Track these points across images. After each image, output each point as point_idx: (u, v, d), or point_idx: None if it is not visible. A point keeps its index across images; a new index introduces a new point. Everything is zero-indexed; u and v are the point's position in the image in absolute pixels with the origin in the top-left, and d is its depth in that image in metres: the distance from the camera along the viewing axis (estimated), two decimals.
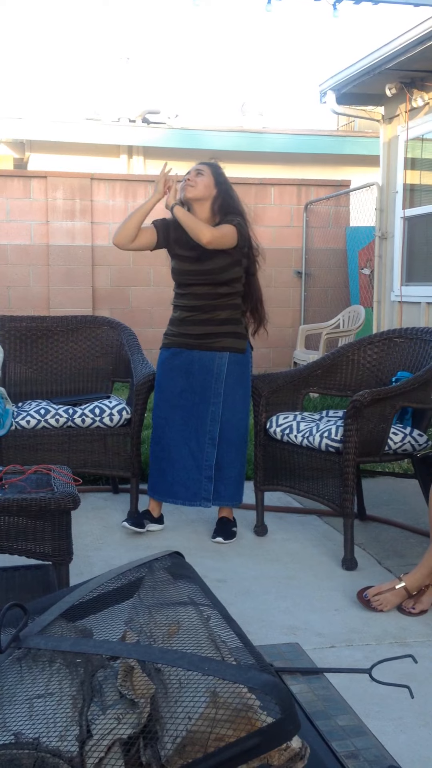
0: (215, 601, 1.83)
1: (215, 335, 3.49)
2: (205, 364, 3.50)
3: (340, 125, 13.43)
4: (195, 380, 3.52)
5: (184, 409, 3.54)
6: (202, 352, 3.51)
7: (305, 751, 1.47)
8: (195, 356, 3.52)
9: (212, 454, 3.51)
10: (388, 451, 3.33)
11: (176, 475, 3.56)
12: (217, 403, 3.49)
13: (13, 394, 4.15)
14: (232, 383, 3.51)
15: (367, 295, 7.94)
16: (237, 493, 3.61)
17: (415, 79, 6.59)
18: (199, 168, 3.50)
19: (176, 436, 3.55)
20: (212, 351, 3.50)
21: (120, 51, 13.16)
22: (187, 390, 3.53)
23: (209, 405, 3.50)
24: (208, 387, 3.50)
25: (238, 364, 3.53)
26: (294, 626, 2.68)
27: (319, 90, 7.43)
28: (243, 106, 12.66)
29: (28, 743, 1.37)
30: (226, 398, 3.50)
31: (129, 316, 8.43)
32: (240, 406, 3.55)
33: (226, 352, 3.50)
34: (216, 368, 3.49)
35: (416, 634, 2.62)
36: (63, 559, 2.53)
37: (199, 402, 3.51)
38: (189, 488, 3.54)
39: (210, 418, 3.50)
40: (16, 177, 8.61)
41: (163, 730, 1.41)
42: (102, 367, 4.32)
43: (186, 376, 3.54)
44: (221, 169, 3.56)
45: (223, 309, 3.49)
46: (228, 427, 3.53)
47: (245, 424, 3.60)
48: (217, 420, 3.50)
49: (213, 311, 3.49)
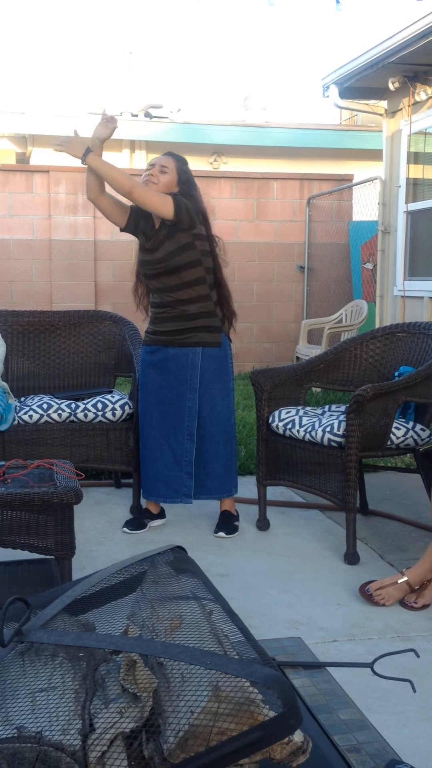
0: (217, 595, 1.84)
1: (187, 330, 3.46)
2: (179, 359, 3.48)
3: (343, 119, 13.39)
4: (171, 376, 3.50)
5: (162, 406, 3.52)
6: (175, 349, 3.48)
7: (307, 745, 1.47)
8: (169, 353, 3.50)
9: (191, 450, 3.49)
10: (390, 445, 3.33)
11: (157, 472, 3.55)
12: (193, 399, 3.47)
13: (15, 388, 4.16)
14: (209, 378, 3.49)
15: (370, 289, 7.92)
16: (225, 485, 3.60)
17: (418, 73, 6.56)
18: (164, 165, 3.41)
19: (155, 433, 3.54)
20: (185, 347, 3.47)
21: (122, 45, 13.12)
22: (164, 387, 3.52)
23: (185, 401, 3.48)
24: (183, 382, 3.48)
25: (214, 358, 3.49)
26: (296, 620, 2.68)
27: (322, 84, 7.40)
28: (246, 101, 12.62)
29: (31, 737, 1.37)
30: (204, 393, 3.48)
31: (131, 311, 8.37)
32: (219, 400, 3.52)
33: (199, 347, 3.46)
34: (190, 363, 3.47)
35: (418, 628, 2.62)
36: (65, 553, 2.54)
37: (175, 398, 3.50)
38: (169, 485, 3.53)
39: (187, 414, 3.48)
40: (19, 171, 8.60)
41: (165, 723, 1.42)
42: (104, 361, 4.32)
43: (162, 373, 3.52)
44: (186, 166, 3.48)
45: (191, 303, 3.44)
46: (208, 422, 3.51)
47: (227, 417, 3.57)
48: (194, 415, 3.48)
49: (181, 306, 3.44)
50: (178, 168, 3.43)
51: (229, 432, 3.60)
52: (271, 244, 8.90)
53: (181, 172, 3.43)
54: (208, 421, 3.52)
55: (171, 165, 3.42)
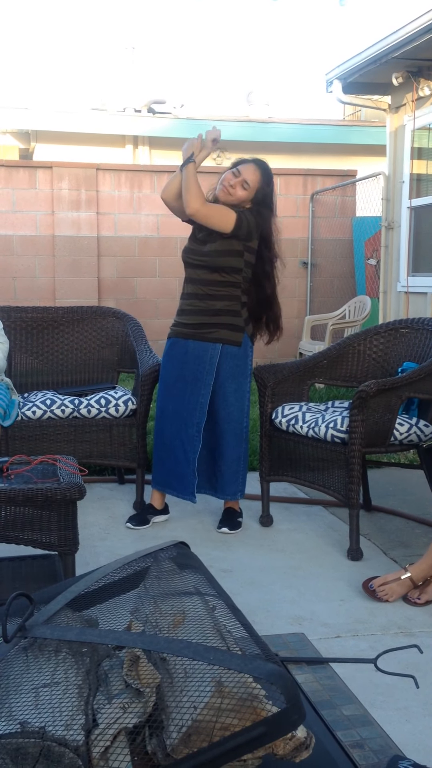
0: (221, 591, 1.84)
1: (210, 325, 3.46)
2: (198, 354, 3.48)
3: (346, 115, 13.35)
4: (187, 370, 3.50)
5: (176, 399, 3.52)
6: (195, 342, 3.48)
7: (310, 741, 1.47)
8: (189, 346, 3.50)
9: (197, 446, 3.48)
10: (393, 441, 3.33)
11: (172, 466, 3.56)
12: (206, 394, 3.46)
13: (18, 384, 4.16)
14: (225, 375, 3.47)
15: (374, 285, 7.92)
16: (229, 488, 3.56)
17: (422, 68, 6.55)
18: (248, 180, 3.37)
19: (170, 427, 3.54)
20: (205, 342, 3.47)
21: (125, 40, 13.08)
22: (180, 380, 3.52)
23: (198, 396, 3.48)
24: (198, 378, 3.48)
25: (233, 357, 3.48)
26: (299, 616, 2.68)
27: (325, 79, 7.39)
28: (249, 96, 12.59)
29: (34, 732, 1.37)
30: (218, 391, 3.47)
31: (134, 307, 8.42)
32: (232, 400, 3.50)
33: (219, 344, 3.46)
34: (208, 359, 3.46)
35: (421, 624, 2.62)
36: (69, 549, 2.54)
37: (189, 392, 3.50)
38: (181, 481, 3.55)
39: (198, 409, 3.48)
40: (22, 167, 8.60)
41: (168, 719, 1.42)
42: (107, 357, 4.32)
43: (180, 366, 3.52)
44: (270, 182, 3.45)
45: (219, 299, 3.45)
46: (219, 419, 3.50)
47: (238, 419, 3.53)
48: (204, 411, 3.47)
49: (208, 300, 3.45)
50: (260, 186, 3.40)
51: (240, 434, 3.55)
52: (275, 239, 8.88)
53: (259, 191, 3.41)
54: (219, 419, 3.51)
55: (254, 182, 3.39)
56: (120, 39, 13.15)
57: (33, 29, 13.06)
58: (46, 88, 12.65)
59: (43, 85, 12.72)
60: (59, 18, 13.12)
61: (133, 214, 8.70)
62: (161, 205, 3.65)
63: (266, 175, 3.45)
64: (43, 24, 13.08)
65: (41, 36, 13.03)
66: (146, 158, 11.58)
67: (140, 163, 11.27)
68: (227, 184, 3.40)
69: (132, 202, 8.67)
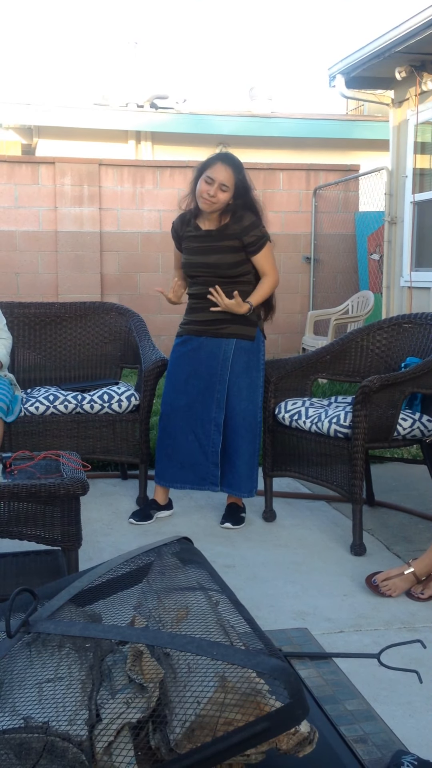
0: (224, 586, 1.84)
1: (222, 321, 3.47)
2: (212, 350, 3.49)
3: (349, 109, 13.33)
4: (202, 366, 3.51)
5: (190, 395, 3.53)
6: (209, 339, 3.50)
7: (314, 736, 1.47)
8: (202, 342, 3.51)
9: (218, 441, 3.50)
10: (396, 436, 3.33)
11: (184, 460, 3.56)
12: (222, 390, 3.48)
13: (22, 380, 4.16)
14: (239, 370, 3.48)
15: (377, 280, 7.90)
16: (245, 484, 3.54)
17: (425, 63, 6.53)
18: (225, 183, 3.33)
19: (182, 423, 3.54)
20: (219, 337, 3.48)
21: (128, 35, 13.08)
22: (194, 376, 3.52)
23: (214, 392, 3.49)
24: (214, 373, 3.49)
25: (246, 352, 3.49)
26: (303, 611, 2.68)
27: (328, 74, 7.37)
28: (252, 91, 12.57)
29: (38, 727, 1.37)
30: (232, 385, 3.48)
31: (137, 302, 8.42)
32: (246, 394, 3.50)
33: (233, 339, 3.47)
34: (222, 354, 3.48)
35: (425, 619, 2.62)
36: (72, 544, 2.54)
37: (204, 388, 3.50)
38: (197, 472, 3.55)
39: (215, 405, 3.49)
40: (25, 163, 8.59)
41: (172, 714, 1.42)
42: (110, 353, 4.32)
43: (193, 363, 3.53)
44: (243, 173, 3.41)
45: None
46: (233, 414, 3.50)
47: (252, 413, 3.52)
48: (222, 406, 3.48)
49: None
50: (236, 179, 3.37)
51: (255, 429, 3.54)
52: (277, 235, 8.81)
53: (237, 184, 3.38)
54: (232, 414, 3.50)
55: (230, 181, 3.35)
56: (123, 34, 13.16)
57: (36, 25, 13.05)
58: (48, 83, 12.65)
59: (45, 80, 12.72)
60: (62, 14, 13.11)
61: (135, 209, 8.69)
62: (164, 201, 3.65)
63: (234, 164, 3.40)
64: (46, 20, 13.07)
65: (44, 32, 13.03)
66: (149, 153, 11.57)
67: (143, 159, 11.25)
68: (207, 196, 3.34)
69: (135, 198, 8.65)
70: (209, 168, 3.37)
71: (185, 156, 10.14)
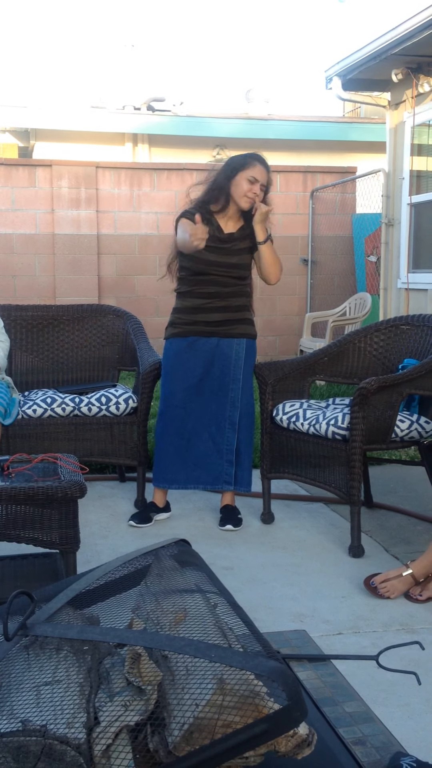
0: (222, 588, 1.84)
1: (233, 322, 3.54)
2: (224, 350, 3.54)
3: (346, 111, 13.35)
4: (214, 367, 3.54)
5: (203, 396, 3.56)
6: (220, 339, 3.54)
7: (312, 738, 1.47)
8: (214, 343, 3.54)
9: (233, 439, 3.55)
10: (394, 438, 3.33)
11: (198, 461, 3.58)
12: (236, 389, 3.54)
13: (19, 383, 4.16)
14: (246, 369, 3.57)
15: (374, 282, 7.91)
16: (248, 478, 3.64)
17: (421, 65, 6.54)
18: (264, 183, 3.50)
19: (196, 424, 3.57)
20: (230, 338, 3.54)
21: (124, 38, 13.08)
22: (206, 377, 3.55)
23: (228, 391, 3.54)
24: (227, 373, 3.54)
25: (251, 350, 3.60)
26: (301, 613, 2.68)
27: (324, 76, 7.38)
28: (248, 93, 12.59)
29: (36, 730, 1.37)
30: (242, 384, 3.56)
31: (135, 305, 8.42)
32: (248, 391, 3.60)
33: (243, 339, 3.55)
34: (234, 354, 3.54)
35: (423, 620, 2.62)
36: (70, 547, 2.54)
37: (218, 388, 3.55)
38: (210, 472, 3.58)
39: (230, 404, 3.54)
40: (21, 166, 8.59)
41: (170, 716, 1.42)
42: (108, 355, 4.32)
43: (205, 364, 3.54)
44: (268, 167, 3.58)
45: (238, 296, 3.55)
46: (243, 412, 3.57)
47: (252, 407, 3.66)
48: (236, 405, 3.54)
49: (229, 298, 3.52)
50: (268, 182, 3.55)
51: (253, 423, 3.67)
52: (274, 237, 8.87)
53: (268, 185, 3.56)
54: (242, 412, 3.58)
55: (266, 181, 3.53)
56: (119, 37, 13.16)
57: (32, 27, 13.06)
58: (45, 86, 12.66)
59: (42, 83, 12.72)
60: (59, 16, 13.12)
61: (132, 212, 8.69)
62: (161, 203, 3.66)
63: (267, 166, 3.57)
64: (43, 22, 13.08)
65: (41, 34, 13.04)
66: (146, 156, 11.57)
67: (140, 161, 11.26)
68: (251, 195, 3.47)
69: (132, 200, 8.66)
70: (249, 168, 3.48)
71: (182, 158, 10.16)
